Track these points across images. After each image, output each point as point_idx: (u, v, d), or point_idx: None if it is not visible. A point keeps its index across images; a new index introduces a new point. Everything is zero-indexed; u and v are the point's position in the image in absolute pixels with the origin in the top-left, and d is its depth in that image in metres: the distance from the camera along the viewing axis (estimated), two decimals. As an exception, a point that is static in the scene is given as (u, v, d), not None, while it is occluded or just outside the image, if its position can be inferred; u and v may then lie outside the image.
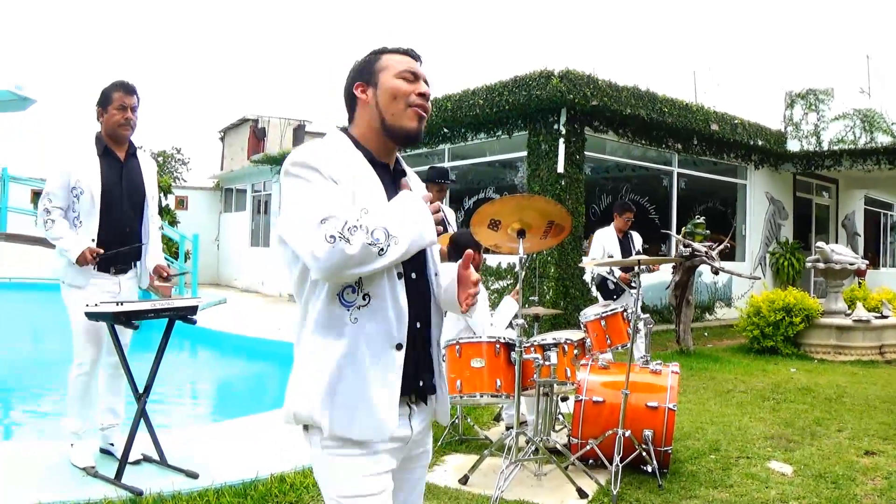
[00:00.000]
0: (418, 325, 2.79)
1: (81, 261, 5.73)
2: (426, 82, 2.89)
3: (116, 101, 5.95)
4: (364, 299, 2.64)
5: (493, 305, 11.15)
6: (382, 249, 2.49)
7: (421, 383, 2.83)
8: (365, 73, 2.89)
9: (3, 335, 15.06)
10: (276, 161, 26.82)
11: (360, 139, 2.86)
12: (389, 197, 2.71)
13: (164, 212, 23.64)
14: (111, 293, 5.96)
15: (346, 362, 2.62)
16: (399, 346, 2.67)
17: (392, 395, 2.66)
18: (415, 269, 2.80)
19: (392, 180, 2.86)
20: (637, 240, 11.10)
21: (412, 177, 3.03)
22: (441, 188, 9.51)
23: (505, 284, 16.26)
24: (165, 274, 6.30)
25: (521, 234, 5.76)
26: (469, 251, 2.88)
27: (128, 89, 6.01)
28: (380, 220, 2.52)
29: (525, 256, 5.85)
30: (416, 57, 2.93)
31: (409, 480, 2.94)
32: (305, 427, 2.72)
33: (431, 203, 2.73)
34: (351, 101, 2.92)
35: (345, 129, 2.91)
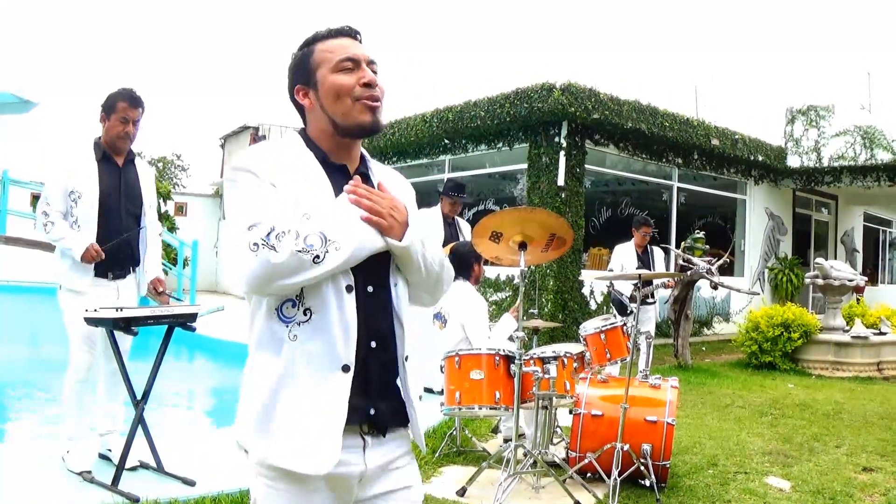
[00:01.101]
0: (373, 344, 2.46)
1: (86, 257, 5.71)
2: (371, 63, 2.59)
3: (120, 112, 5.91)
4: (305, 314, 2.36)
5: (493, 318, 11.14)
6: (318, 257, 2.25)
7: (373, 412, 2.47)
8: (302, 73, 2.62)
9: (2, 339, 15.03)
10: (276, 169, 26.82)
11: (314, 139, 2.61)
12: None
13: (163, 218, 23.64)
14: (109, 298, 5.94)
15: (282, 384, 2.35)
16: (346, 368, 2.35)
17: (334, 423, 2.33)
18: (371, 282, 2.49)
19: (348, 182, 2.51)
20: (658, 255, 11.16)
21: (386, 177, 2.73)
22: (454, 202, 9.57)
23: (504, 296, 16.25)
24: (161, 289, 6.27)
25: (522, 246, 5.77)
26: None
27: (133, 101, 5.96)
28: (316, 225, 2.30)
29: (526, 269, 5.84)
30: (352, 34, 2.63)
31: None
32: (246, 451, 2.44)
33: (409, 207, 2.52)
34: (297, 106, 2.67)
35: (302, 131, 2.66)
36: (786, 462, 7.33)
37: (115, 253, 5.93)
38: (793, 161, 20.95)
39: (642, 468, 6.16)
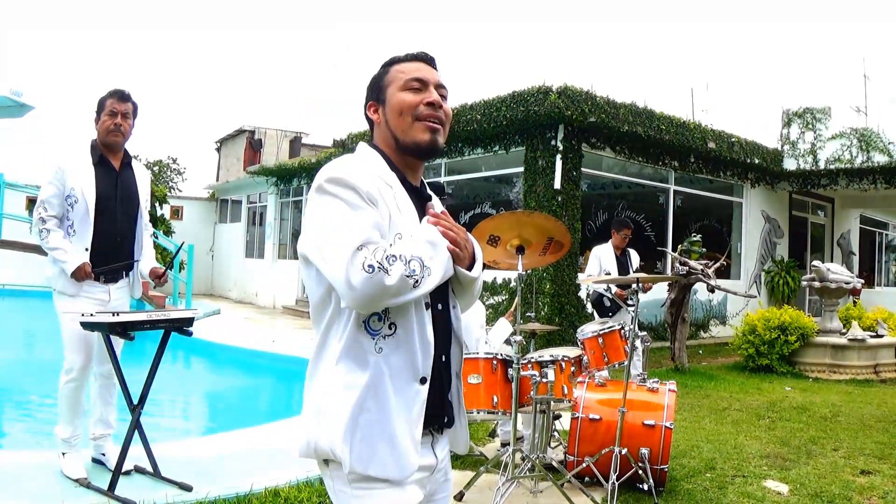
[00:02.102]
0: (444, 358, 2.64)
1: (77, 275, 5.72)
2: (439, 87, 2.70)
3: (108, 108, 5.93)
4: (390, 328, 2.46)
5: (490, 321, 11.10)
6: (418, 281, 2.35)
7: (446, 419, 2.69)
8: (375, 90, 2.73)
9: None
10: (272, 173, 26.85)
11: (391, 158, 2.68)
12: (421, 220, 2.57)
13: (158, 221, 23.64)
14: (100, 301, 5.93)
15: (368, 394, 2.44)
16: (423, 380, 2.50)
17: (415, 430, 2.48)
18: (440, 301, 2.63)
19: (420, 203, 2.68)
20: (634, 257, 11.10)
21: (436, 203, 2.82)
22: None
23: (500, 300, 16.26)
24: (161, 272, 6.26)
25: (520, 250, 5.74)
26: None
27: (122, 97, 5.99)
28: (415, 250, 2.38)
29: (523, 273, 5.83)
30: (427, 60, 2.75)
31: None
32: (326, 461, 2.52)
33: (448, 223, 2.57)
34: (369, 122, 2.77)
35: (375, 146, 2.72)
36: (784, 465, 7.32)
37: (108, 258, 5.93)
38: (789, 164, 20.97)
39: (640, 472, 6.16)
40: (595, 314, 11.08)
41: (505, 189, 18.49)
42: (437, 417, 2.63)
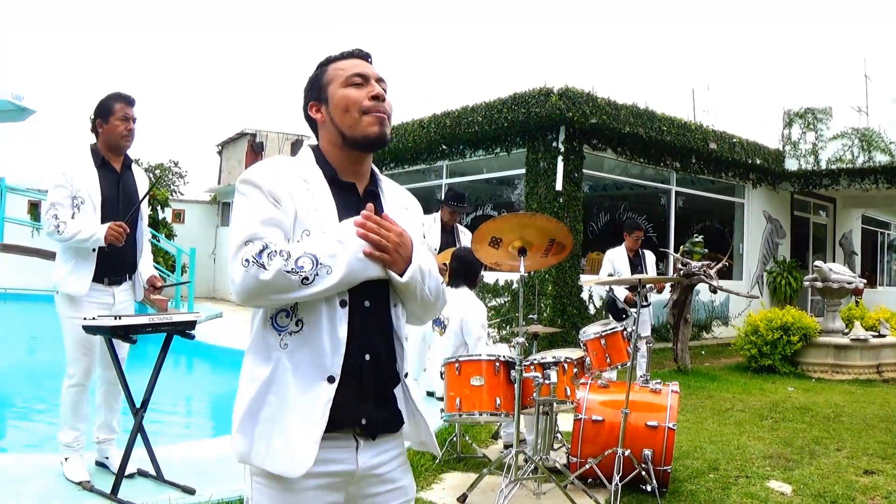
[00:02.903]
0: (367, 357, 2.56)
1: (111, 235, 5.69)
2: (380, 81, 2.72)
3: (119, 112, 5.92)
4: (297, 325, 2.47)
5: (491, 323, 11.10)
6: (307, 278, 2.34)
7: (364, 421, 2.56)
8: (314, 90, 2.75)
9: (1, 346, 15.02)
10: (274, 175, 26.80)
11: (325, 154, 2.71)
12: (349, 217, 2.53)
13: (160, 225, 23.63)
14: (105, 304, 5.92)
15: (270, 389, 2.46)
16: (331, 379, 2.45)
17: (313, 430, 2.41)
18: (370, 298, 2.57)
19: (357, 203, 2.64)
20: (650, 259, 11.12)
21: (393, 199, 2.84)
22: (454, 211, 9.66)
23: (503, 301, 16.23)
24: (159, 284, 6.27)
25: (522, 252, 5.75)
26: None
27: (128, 101, 5.99)
28: (311, 247, 2.39)
29: (525, 275, 5.83)
30: (364, 56, 2.76)
31: None
32: None
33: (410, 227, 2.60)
34: (311, 123, 2.78)
35: (315, 147, 2.76)
36: (787, 466, 7.31)
37: (113, 259, 5.93)
38: (790, 164, 20.94)
39: (643, 473, 6.15)
40: (610, 318, 11.09)
41: (507, 191, 18.51)
42: (352, 418, 2.54)
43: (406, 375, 2.73)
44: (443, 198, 9.95)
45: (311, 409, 2.44)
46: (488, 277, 16.19)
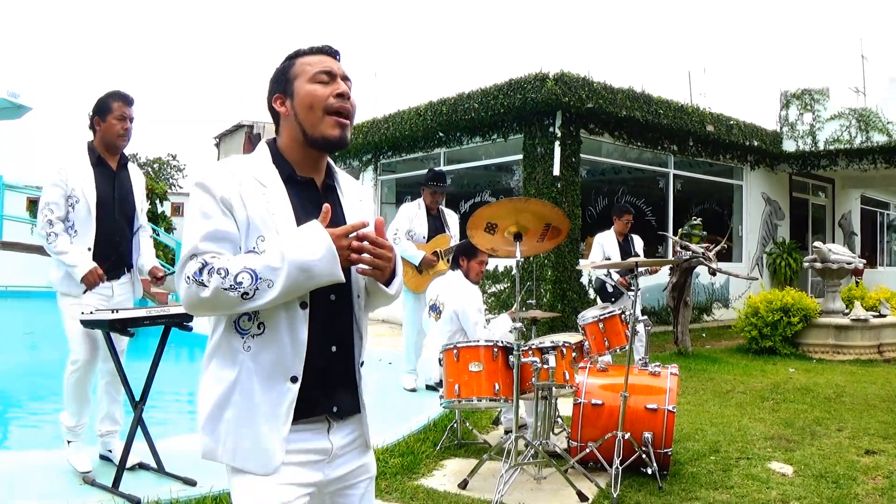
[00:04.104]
0: (334, 348, 2.66)
1: (88, 279, 5.75)
2: (346, 79, 2.74)
3: (116, 111, 5.93)
4: (259, 328, 2.52)
5: (491, 310, 11.08)
6: (247, 293, 2.37)
7: (335, 409, 2.66)
8: (280, 82, 2.76)
9: (2, 344, 15.02)
10: (272, 167, 26.80)
11: (283, 151, 2.73)
12: (309, 215, 2.56)
13: (160, 218, 23.62)
14: (104, 297, 5.96)
15: (235, 390, 2.52)
16: (294, 379, 2.53)
17: (280, 428, 2.51)
18: (334, 292, 2.63)
19: (317, 199, 2.70)
20: (638, 242, 11.11)
21: (349, 192, 2.88)
22: (434, 192, 9.58)
23: (502, 287, 16.21)
24: (160, 275, 6.28)
25: (517, 237, 5.75)
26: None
27: (127, 100, 6.01)
28: (251, 262, 2.41)
29: (522, 259, 5.82)
30: (332, 53, 2.77)
31: (354, 495, 2.80)
32: None
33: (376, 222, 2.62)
34: (274, 115, 2.79)
35: (272, 141, 2.78)
36: (788, 447, 7.31)
37: (108, 257, 5.94)
38: (788, 145, 20.87)
39: (644, 456, 6.15)
40: (598, 300, 11.10)
41: (505, 177, 18.46)
42: (325, 408, 2.65)
43: (362, 364, 2.83)
44: (423, 181, 9.90)
45: (276, 408, 2.51)
46: (489, 264, 16.16)
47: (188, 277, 2.39)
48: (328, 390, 2.64)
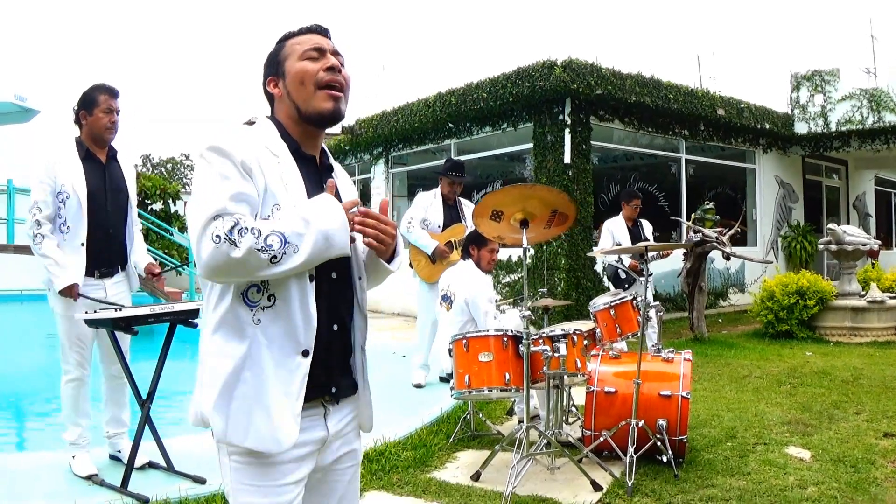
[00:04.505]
0: (335, 327, 2.65)
1: (65, 293, 5.71)
2: (336, 54, 2.74)
3: (103, 104, 5.90)
4: (269, 300, 2.47)
5: (505, 299, 11.01)
6: (275, 257, 2.33)
7: (334, 389, 2.66)
8: (273, 65, 2.77)
9: (13, 347, 15.03)
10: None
11: (286, 127, 2.70)
12: (312, 193, 2.57)
13: (173, 218, 23.63)
14: (97, 299, 5.90)
15: (245, 365, 2.45)
16: (305, 353, 2.49)
17: (293, 404, 2.47)
18: (335, 270, 2.64)
19: (317, 175, 2.72)
20: (647, 228, 11.06)
21: (339, 173, 2.90)
22: (453, 182, 9.51)
23: (517, 277, 16.15)
24: (157, 271, 6.24)
25: (524, 224, 5.68)
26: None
27: (113, 92, 5.97)
28: (279, 225, 2.37)
29: (529, 247, 5.75)
30: (321, 31, 2.78)
31: (340, 482, 2.79)
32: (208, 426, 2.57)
33: (368, 205, 2.59)
34: (269, 98, 2.79)
35: (273, 117, 2.76)
36: (805, 431, 7.23)
37: (103, 251, 5.92)
38: (800, 128, 20.75)
39: (658, 444, 6.07)
40: (611, 287, 11.04)
41: (517, 166, 18.42)
42: (324, 388, 2.63)
43: (362, 349, 2.81)
44: (441, 170, 9.83)
45: (289, 383, 2.46)
46: (501, 254, 16.10)
47: (218, 236, 2.30)
48: (328, 370, 2.62)
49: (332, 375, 2.65)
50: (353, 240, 2.55)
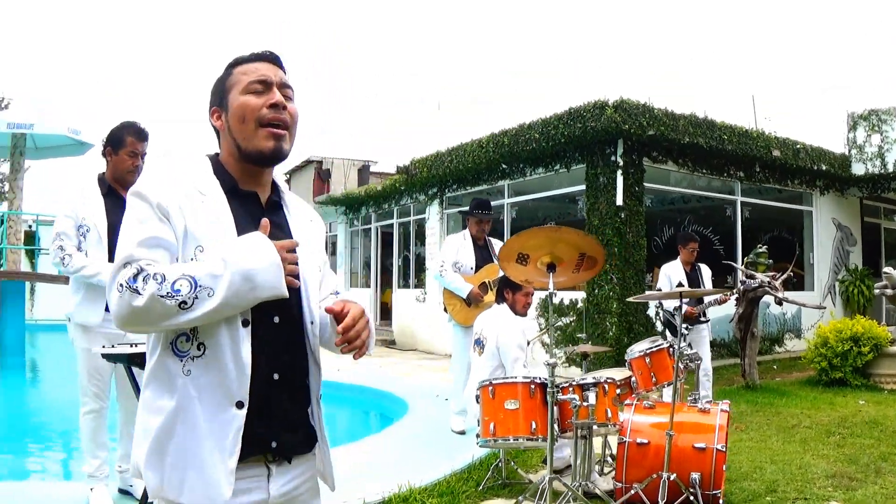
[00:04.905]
0: (275, 377, 2.44)
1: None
2: (284, 87, 2.58)
3: (129, 147, 5.98)
4: (199, 349, 2.32)
5: (559, 344, 10.83)
6: (184, 302, 2.17)
7: (275, 444, 2.43)
8: (217, 94, 2.61)
9: (44, 378, 15.18)
10: (341, 202, 27.04)
11: (225, 164, 2.55)
12: (250, 229, 2.39)
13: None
14: (118, 335, 5.85)
15: (177, 419, 2.29)
16: (240, 405, 2.32)
17: (229, 459, 2.28)
18: (278, 314, 2.44)
19: (260, 214, 2.50)
20: (706, 272, 10.91)
21: (296, 210, 2.73)
22: (479, 220, 9.39)
23: (569, 321, 15.95)
24: None
25: (551, 268, 5.53)
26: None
27: (141, 135, 6.04)
28: (191, 269, 2.23)
29: (555, 292, 5.59)
30: (271, 59, 2.62)
31: None
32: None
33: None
34: (214, 130, 2.64)
35: (214, 156, 2.63)
36: (849, 486, 6.96)
37: None
38: (857, 168, 20.35)
39: (691, 498, 5.87)
40: (667, 333, 10.84)
41: (571, 207, 18.30)
42: (263, 443, 2.42)
43: (319, 398, 2.65)
44: (466, 210, 9.72)
45: (223, 437, 2.30)
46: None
47: (121, 285, 2.20)
48: (268, 423, 2.42)
49: (273, 429, 2.44)
50: (295, 283, 2.42)
